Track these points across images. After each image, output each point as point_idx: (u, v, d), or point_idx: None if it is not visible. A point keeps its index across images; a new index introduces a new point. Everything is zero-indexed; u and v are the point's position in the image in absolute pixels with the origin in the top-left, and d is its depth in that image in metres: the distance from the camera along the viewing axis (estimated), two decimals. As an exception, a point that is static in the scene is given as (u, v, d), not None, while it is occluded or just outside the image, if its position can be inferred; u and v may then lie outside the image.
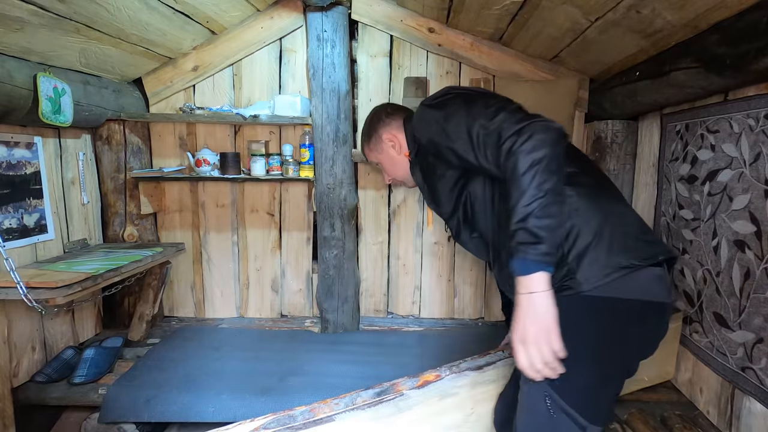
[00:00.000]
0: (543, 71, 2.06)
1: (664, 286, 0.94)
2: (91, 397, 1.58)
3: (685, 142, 1.57)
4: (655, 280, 0.93)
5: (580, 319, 0.90)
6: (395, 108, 1.40)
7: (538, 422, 0.93)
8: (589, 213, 0.94)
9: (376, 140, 1.37)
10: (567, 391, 0.89)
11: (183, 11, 1.70)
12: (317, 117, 2.02)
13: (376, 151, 1.39)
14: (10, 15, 1.25)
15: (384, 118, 1.36)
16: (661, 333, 0.99)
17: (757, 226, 1.22)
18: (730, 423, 1.33)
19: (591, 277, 0.89)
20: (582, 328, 0.90)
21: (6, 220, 1.56)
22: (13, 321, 1.55)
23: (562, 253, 0.92)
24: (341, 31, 2.00)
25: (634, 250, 0.91)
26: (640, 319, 0.92)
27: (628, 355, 0.96)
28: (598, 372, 0.91)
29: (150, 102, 2.11)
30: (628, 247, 0.91)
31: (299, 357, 1.85)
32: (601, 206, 0.95)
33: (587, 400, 0.90)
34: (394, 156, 1.34)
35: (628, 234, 0.93)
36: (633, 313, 0.91)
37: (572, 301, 0.90)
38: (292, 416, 1.06)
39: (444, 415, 1.18)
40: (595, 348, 0.91)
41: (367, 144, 1.42)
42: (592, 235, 0.91)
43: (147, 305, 2.03)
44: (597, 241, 0.91)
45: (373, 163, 1.45)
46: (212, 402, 1.51)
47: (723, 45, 1.18)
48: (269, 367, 1.75)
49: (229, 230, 2.25)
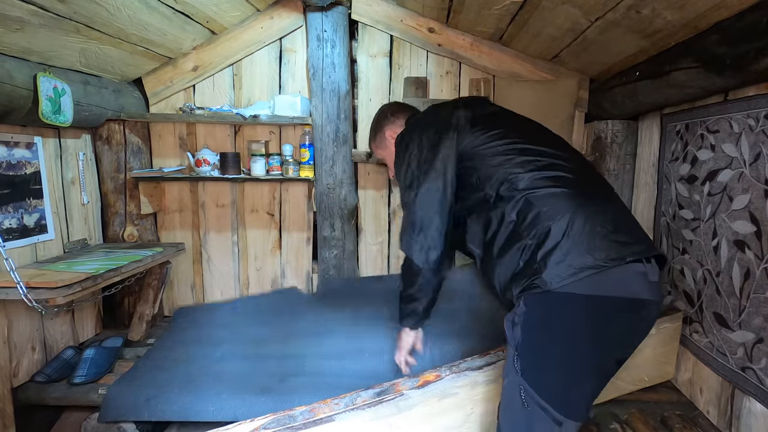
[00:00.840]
0: (543, 71, 2.06)
1: (643, 283, 0.93)
2: (91, 397, 1.58)
3: (685, 142, 1.57)
4: (633, 277, 0.92)
5: (548, 316, 0.92)
6: (400, 107, 1.51)
7: (515, 414, 0.95)
8: (559, 213, 0.94)
9: (381, 137, 1.48)
10: (540, 386, 0.91)
11: (183, 11, 1.70)
12: (317, 117, 2.03)
13: (381, 147, 1.50)
14: (10, 15, 1.25)
15: (389, 116, 1.47)
16: (639, 331, 0.98)
17: (757, 226, 1.22)
18: (730, 423, 1.33)
19: (556, 277, 0.90)
20: (550, 325, 0.92)
21: (6, 220, 1.56)
22: (13, 321, 1.55)
23: (531, 251, 0.94)
24: (341, 31, 2.00)
25: (602, 249, 0.91)
26: (612, 316, 0.92)
27: (600, 352, 0.95)
28: (569, 368, 0.92)
29: (150, 102, 2.11)
30: (595, 247, 0.91)
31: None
32: (574, 205, 0.95)
33: (560, 394, 0.91)
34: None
35: (596, 233, 0.92)
36: (603, 310, 0.91)
37: (540, 299, 0.92)
38: (292, 416, 1.06)
39: (444, 415, 1.19)
40: (563, 344, 0.92)
41: (373, 140, 1.54)
42: (561, 235, 0.92)
43: (147, 305, 2.03)
44: (564, 241, 0.92)
45: (379, 159, 1.58)
46: (212, 401, 1.51)
47: (723, 45, 1.18)
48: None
49: (229, 230, 2.25)
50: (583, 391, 0.95)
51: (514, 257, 0.98)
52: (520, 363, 0.94)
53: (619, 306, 0.92)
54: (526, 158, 1.04)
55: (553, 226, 0.93)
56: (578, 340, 0.92)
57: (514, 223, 0.99)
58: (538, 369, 0.92)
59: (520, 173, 1.01)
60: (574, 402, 0.93)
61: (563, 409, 0.91)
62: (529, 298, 0.94)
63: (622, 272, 0.91)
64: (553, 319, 0.92)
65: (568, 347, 0.92)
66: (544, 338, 0.92)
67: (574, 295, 0.89)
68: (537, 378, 0.92)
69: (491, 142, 1.09)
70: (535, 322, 0.92)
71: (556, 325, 0.92)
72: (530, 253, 0.95)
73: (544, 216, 0.95)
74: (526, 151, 1.06)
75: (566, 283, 0.89)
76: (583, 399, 0.96)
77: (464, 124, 1.15)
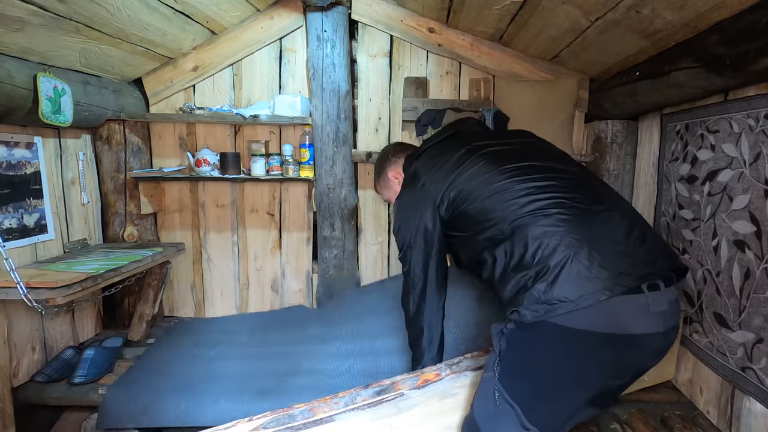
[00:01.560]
0: (543, 71, 2.06)
1: (638, 316, 0.88)
2: (91, 397, 1.58)
3: (685, 142, 1.57)
4: (625, 312, 0.88)
5: (530, 339, 0.95)
6: (401, 147, 1.54)
7: (488, 407, 1.00)
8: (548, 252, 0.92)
9: (384, 178, 1.52)
10: (512, 389, 0.96)
11: (183, 11, 1.70)
12: (317, 117, 2.02)
13: (385, 187, 1.54)
14: (10, 15, 1.25)
15: (390, 157, 1.51)
16: (631, 365, 0.95)
17: (757, 226, 1.22)
18: (730, 423, 1.33)
19: (528, 314, 0.91)
20: (531, 347, 0.96)
21: (6, 220, 1.56)
22: (13, 321, 1.55)
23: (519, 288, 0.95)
24: (341, 31, 2.00)
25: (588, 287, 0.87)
26: (594, 351, 0.90)
27: (579, 381, 0.94)
28: (542, 386, 0.96)
29: (150, 102, 2.11)
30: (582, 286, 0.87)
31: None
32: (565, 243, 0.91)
33: (529, 403, 0.95)
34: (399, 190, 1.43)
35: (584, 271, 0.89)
36: (583, 344, 0.90)
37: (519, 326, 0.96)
38: (292, 415, 1.06)
39: (444, 415, 1.18)
40: (540, 366, 0.95)
41: (378, 182, 1.58)
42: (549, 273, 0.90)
43: (147, 305, 2.03)
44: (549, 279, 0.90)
45: (385, 199, 1.60)
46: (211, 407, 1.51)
47: (723, 45, 1.18)
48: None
49: (229, 230, 2.25)
50: (555, 410, 0.96)
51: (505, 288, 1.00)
52: (499, 368, 0.98)
53: (602, 341, 0.89)
54: (516, 192, 1.02)
55: (539, 268, 0.93)
56: (555, 367, 0.94)
57: (504, 262, 1.01)
58: (512, 378, 0.97)
59: (509, 211, 1.01)
60: (543, 414, 0.95)
61: (530, 416, 0.94)
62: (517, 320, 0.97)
63: (609, 308, 0.87)
64: (534, 343, 0.95)
65: (544, 370, 0.95)
66: (524, 356, 0.97)
67: (556, 326, 0.90)
68: (511, 384, 0.97)
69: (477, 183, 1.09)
70: (519, 340, 0.97)
71: (536, 348, 0.95)
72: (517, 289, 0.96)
73: (534, 255, 0.94)
74: (516, 182, 1.04)
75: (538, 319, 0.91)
76: (554, 416, 0.97)
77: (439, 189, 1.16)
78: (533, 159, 1.12)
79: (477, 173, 1.10)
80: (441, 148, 1.26)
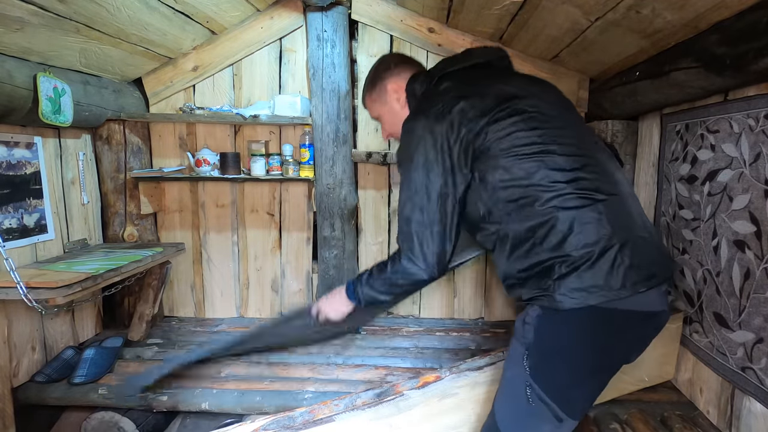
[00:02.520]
0: (543, 71, 2.06)
1: (659, 297, 0.93)
2: (91, 397, 1.57)
3: (685, 142, 1.57)
4: (652, 296, 0.92)
5: (560, 325, 0.92)
6: (405, 60, 1.29)
7: (518, 409, 0.96)
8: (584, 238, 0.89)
9: (381, 90, 1.26)
10: (547, 385, 0.92)
11: (183, 11, 1.70)
12: (317, 117, 2.02)
13: (379, 102, 1.28)
14: (10, 15, 1.25)
15: (392, 67, 1.25)
16: (649, 338, 0.99)
17: (757, 226, 1.22)
18: (730, 423, 1.33)
19: (566, 301, 0.88)
20: (561, 332, 0.92)
21: (6, 220, 1.56)
22: (13, 321, 1.55)
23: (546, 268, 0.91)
24: (341, 31, 1.99)
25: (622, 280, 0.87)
26: (626, 328, 0.92)
27: (610, 358, 0.96)
28: (576, 371, 0.93)
29: (150, 102, 2.11)
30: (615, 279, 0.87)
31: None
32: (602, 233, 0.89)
33: (565, 394, 0.92)
34: (398, 111, 1.24)
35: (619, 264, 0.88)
36: (617, 322, 0.91)
37: (550, 311, 0.92)
38: (291, 417, 1.06)
39: (444, 415, 1.19)
40: (573, 351, 0.93)
41: (369, 93, 1.31)
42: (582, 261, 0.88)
43: (147, 305, 2.03)
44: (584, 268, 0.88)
45: (373, 116, 1.35)
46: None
47: (723, 45, 1.18)
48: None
49: (229, 230, 2.25)
50: (585, 392, 0.96)
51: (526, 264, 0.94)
52: (529, 361, 0.94)
53: (634, 318, 0.92)
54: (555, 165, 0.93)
55: (574, 251, 0.89)
56: (589, 348, 0.92)
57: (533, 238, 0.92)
58: (546, 369, 0.93)
59: (547, 186, 0.91)
60: (577, 401, 0.94)
61: (566, 407, 0.92)
62: (537, 311, 0.94)
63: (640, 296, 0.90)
64: (564, 329, 0.92)
65: (577, 354, 0.92)
66: (554, 343, 0.93)
67: (589, 308, 0.88)
68: (545, 377, 0.92)
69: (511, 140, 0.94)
70: (547, 327, 0.92)
71: (568, 334, 0.92)
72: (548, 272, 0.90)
73: (566, 238, 0.89)
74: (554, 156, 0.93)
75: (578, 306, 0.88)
76: (584, 399, 0.97)
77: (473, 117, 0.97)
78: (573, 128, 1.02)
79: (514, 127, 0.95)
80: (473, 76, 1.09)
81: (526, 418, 0.95)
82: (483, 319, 2.30)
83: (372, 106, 1.32)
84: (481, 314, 2.30)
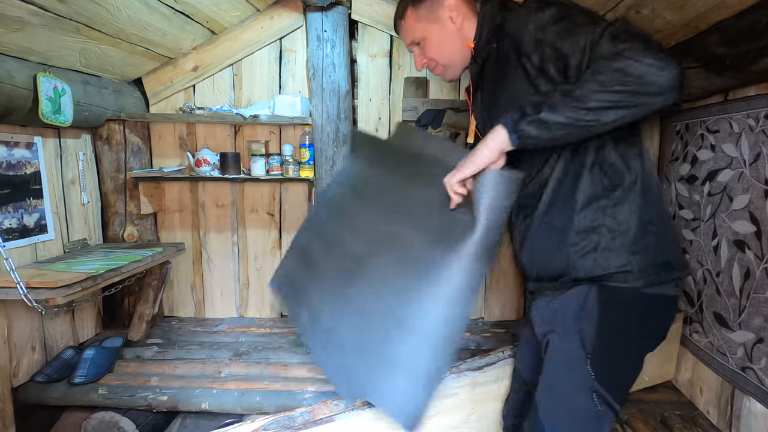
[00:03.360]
0: (543, 71, 2.06)
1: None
2: (91, 397, 1.57)
3: (685, 142, 1.57)
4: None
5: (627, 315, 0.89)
6: None
7: (584, 419, 0.89)
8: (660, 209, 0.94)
9: (433, 5, 1.01)
10: (614, 387, 0.89)
11: (183, 11, 1.70)
12: (317, 117, 2.02)
13: (428, 19, 1.02)
14: (10, 15, 1.25)
15: None
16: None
17: (757, 226, 1.22)
18: (730, 423, 1.33)
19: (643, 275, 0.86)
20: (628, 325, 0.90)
21: (6, 220, 1.56)
22: (13, 321, 1.55)
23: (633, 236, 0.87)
24: (341, 31, 2.00)
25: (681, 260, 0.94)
26: (672, 314, 0.97)
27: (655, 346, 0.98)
28: (638, 365, 0.94)
29: (150, 102, 2.11)
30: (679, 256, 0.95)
31: None
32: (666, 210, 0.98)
33: (625, 390, 0.94)
34: (450, 33, 1.01)
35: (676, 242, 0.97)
36: (668, 308, 0.94)
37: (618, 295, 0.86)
38: (291, 417, 1.06)
39: (444, 415, 1.19)
40: (638, 345, 0.93)
41: (415, 10, 1.03)
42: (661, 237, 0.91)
43: (147, 305, 2.03)
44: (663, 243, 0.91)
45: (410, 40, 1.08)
46: None
47: (723, 45, 1.18)
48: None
49: (229, 230, 2.25)
50: (633, 381, 0.98)
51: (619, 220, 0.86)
52: (593, 366, 0.87)
53: (675, 303, 0.96)
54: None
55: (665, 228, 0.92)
56: (649, 339, 0.93)
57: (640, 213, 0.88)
58: (613, 371, 0.89)
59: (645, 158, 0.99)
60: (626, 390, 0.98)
61: (621, 401, 0.92)
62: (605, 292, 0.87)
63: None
64: (632, 320, 0.88)
65: (641, 347, 0.92)
66: (620, 339, 0.88)
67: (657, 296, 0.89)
68: (612, 380, 0.89)
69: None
70: (614, 322, 0.86)
71: (634, 325, 0.89)
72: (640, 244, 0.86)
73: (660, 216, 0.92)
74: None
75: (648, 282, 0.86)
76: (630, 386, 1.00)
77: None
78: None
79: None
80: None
81: (592, 424, 0.90)
82: (483, 319, 2.30)
83: (414, 26, 1.04)
84: (480, 314, 2.30)
